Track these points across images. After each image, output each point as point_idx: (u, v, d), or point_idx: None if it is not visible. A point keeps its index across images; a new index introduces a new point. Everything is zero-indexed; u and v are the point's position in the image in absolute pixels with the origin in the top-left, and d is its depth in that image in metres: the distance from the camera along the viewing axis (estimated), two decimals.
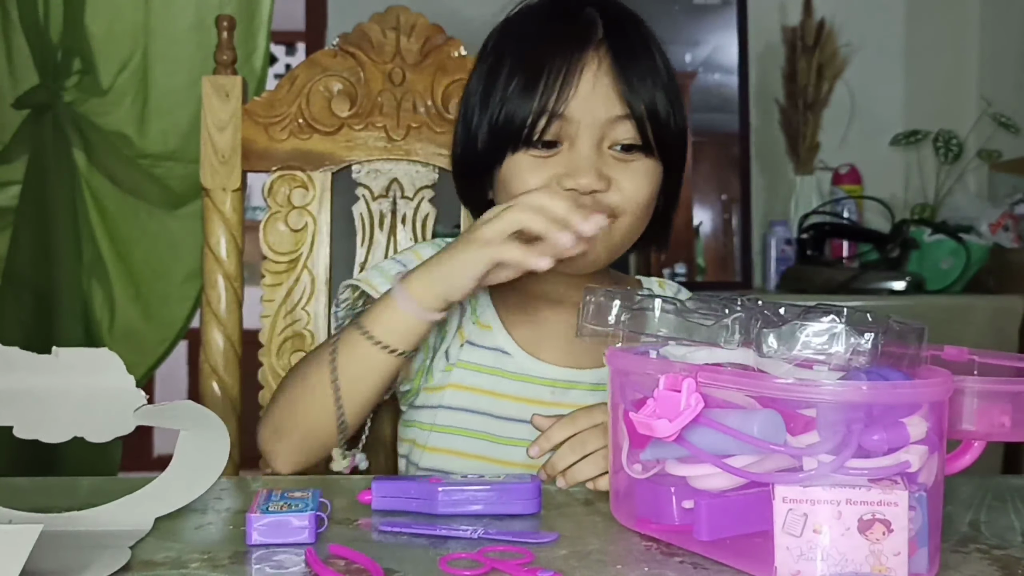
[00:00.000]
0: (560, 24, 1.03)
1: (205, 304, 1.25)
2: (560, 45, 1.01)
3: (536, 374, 1.07)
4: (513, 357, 1.07)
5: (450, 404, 1.07)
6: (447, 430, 1.07)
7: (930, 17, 2.81)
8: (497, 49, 1.06)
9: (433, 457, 1.07)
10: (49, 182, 2.14)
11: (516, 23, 1.08)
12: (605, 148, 1.01)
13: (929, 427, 0.65)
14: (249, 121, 1.25)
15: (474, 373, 1.07)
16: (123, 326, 2.24)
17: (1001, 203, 2.47)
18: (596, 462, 0.89)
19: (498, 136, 1.02)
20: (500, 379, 1.07)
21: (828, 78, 2.64)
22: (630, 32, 1.04)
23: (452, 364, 1.08)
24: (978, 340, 2.13)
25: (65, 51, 2.16)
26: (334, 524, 0.79)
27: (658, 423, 0.70)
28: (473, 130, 1.05)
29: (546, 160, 1.01)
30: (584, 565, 0.70)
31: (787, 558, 0.63)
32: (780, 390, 0.66)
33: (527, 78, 1.00)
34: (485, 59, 1.07)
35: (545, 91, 0.99)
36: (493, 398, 1.06)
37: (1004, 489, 0.91)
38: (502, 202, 0.98)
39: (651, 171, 1.03)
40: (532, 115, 1.00)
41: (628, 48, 1.02)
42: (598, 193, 0.99)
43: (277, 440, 1.01)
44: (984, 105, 2.61)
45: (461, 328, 1.09)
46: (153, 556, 0.72)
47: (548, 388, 1.06)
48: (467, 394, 1.07)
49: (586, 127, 1.00)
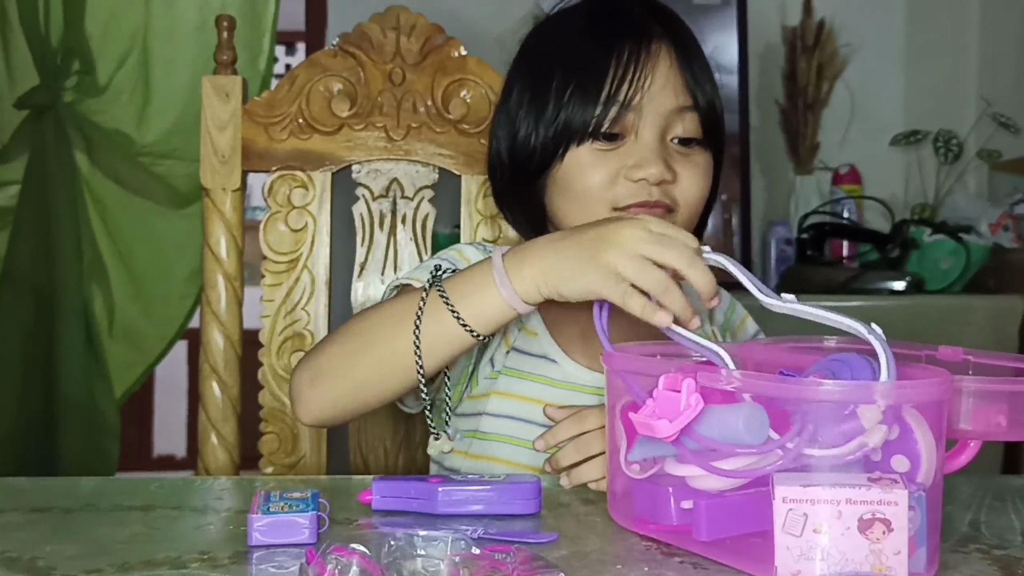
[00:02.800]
0: (612, 20, 1.03)
1: (205, 304, 1.25)
2: (623, 38, 1.00)
3: (583, 382, 1.04)
4: (559, 365, 1.05)
5: (494, 411, 1.05)
6: (491, 437, 1.04)
7: (930, 17, 2.81)
8: (540, 51, 1.06)
9: (477, 464, 1.05)
10: (49, 182, 2.14)
11: (554, 26, 1.08)
12: (668, 141, 1.01)
13: (926, 422, 0.65)
14: (249, 121, 1.25)
15: (519, 380, 1.05)
16: (123, 325, 2.25)
17: (1001, 203, 2.47)
18: (600, 465, 0.89)
19: (560, 132, 1.01)
20: (546, 387, 1.05)
21: (828, 78, 2.64)
22: (681, 27, 1.05)
23: (497, 371, 1.06)
24: (978, 340, 2.13)
25: (65, 52, 2.16)
26: (334, 524, 0.79)
27: (658, 423, 0.70)
28: (524, 135, 1.03)
29: (610, 153, 1.00)
30: (584, 565, 0.70)
31: (787, 558, 0.63)
32: (779, 390, 0.66)
33: (591, 71, 1.00)
34: (525, 65, 1.07)
35: (615, 81, 0.99)
36: (539, 406, 1.02)
37: (1004, 489, 0.91)
38: (561, 202, 1.00)
39: (708, 165, 1.03)
40: (601, 105, 0.99)
41: (685, 43, 1.03)
42: (666, 184, 0.99)
43: (316, 385, 0.95)
44: (984, 105, 2.61)
45: (507, 334, 1.07)
46: (153, 556, 0.72)
47: (596, 396, 1.04)
48: (512, 401, 1.05)
49: (653, 118, 1.00)
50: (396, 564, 0.64)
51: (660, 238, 0.82)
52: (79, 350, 2.17)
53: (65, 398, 2.15)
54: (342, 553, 0.63)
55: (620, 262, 0.82)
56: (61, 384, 2.15)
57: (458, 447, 1.06)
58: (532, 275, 0.86)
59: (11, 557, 0.72)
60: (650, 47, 1.00)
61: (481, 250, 1.10)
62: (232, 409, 1.23)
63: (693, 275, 0.81)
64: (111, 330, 2.24)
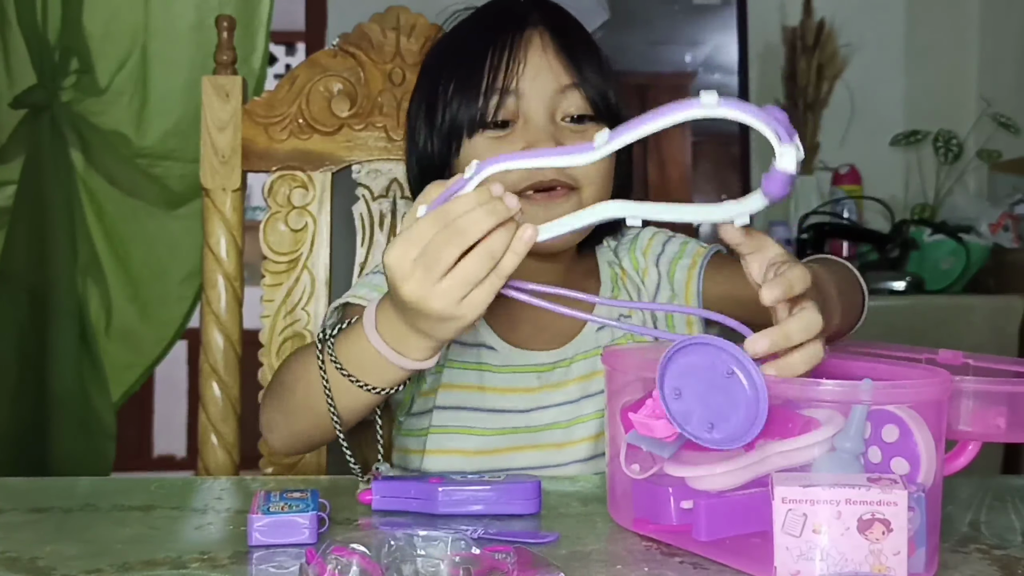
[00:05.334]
0: (492, 19, 1.07)
1: (205, 304, 1.25)
2: (499, 30, 1.04)
3: (521, 362, 1.08)
4: (497, 351, 1.08)
5: (443, 404, 1.07)
6: (442, 430, 1.07)
7: (930, 17, 2.81)
8: (431, 63, 1.11)
9: (432, 459, 1.07)
10: (45, 182, 2.14)
11: (446, 38, 1.12)
12: (559, 120, 1.03)
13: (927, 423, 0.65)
14: (249, 121, 1.25)
15: (462, 371, 1.08)
16: (120, 326, 2.24)
17: (1001, 203, 2.48)
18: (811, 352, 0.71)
19: (451, 131, 1.04)
20: (486, 373, 1.08)
21: (828, 78, 2.64)
22: (559, 12, 1.07)
23: (442, 365, 1.08)
24: (978, 340, 2.13)
25: (63, 51, 2.15)
26: (334, 524, 0.79)
27: (658, 423, 0.70)
28: (423, 142, 1.07)
29: (502, 140, 1.02)
30: (584, 565, 0.70)
31: (786, 558, 0.63)
32: (779, 390, 0.66)
33: (472, 64, 1.03)
34: (421, 79, 1.12)
35: (492, 70, 1.02)
36: (482, 393, 1.07)
37: (1004, 489, 0.91)
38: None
39: None
40: (482, 96, 1.02)
41: (564, 26, 1.05)
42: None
43: (271, 432, 1.00)
44: (984, 105, 2.61)
45: None
46: (153, 556, 0.72)
47: (534, 374, 1.08)
48: (459, 393, 1.07)
49: (538, 100, 1.02)
50: (396, 564, 0.64)
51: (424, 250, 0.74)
52: (73, 351, 2.16)
53: (59, 399, 2.14)
54: (342, 553, 0.63)
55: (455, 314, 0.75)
56: (55, 385, 2.14)
57: (414, 446, 1.09)
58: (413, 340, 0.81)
59: (11, 557, 0.72)
60: (523, 34, 1.03)
61: None
62: (232, 409, 1.23)
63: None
64: (108, 331, 2.23)
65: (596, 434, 1.06)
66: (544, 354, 1.08)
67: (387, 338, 0.82)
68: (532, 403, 1.07)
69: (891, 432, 0.67)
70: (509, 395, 1.07)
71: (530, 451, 1.06)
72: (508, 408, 1.07)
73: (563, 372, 1.08)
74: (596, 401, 1.06)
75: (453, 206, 0.73)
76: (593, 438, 1.06)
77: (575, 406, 1.07)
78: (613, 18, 2.59)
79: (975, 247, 2.33)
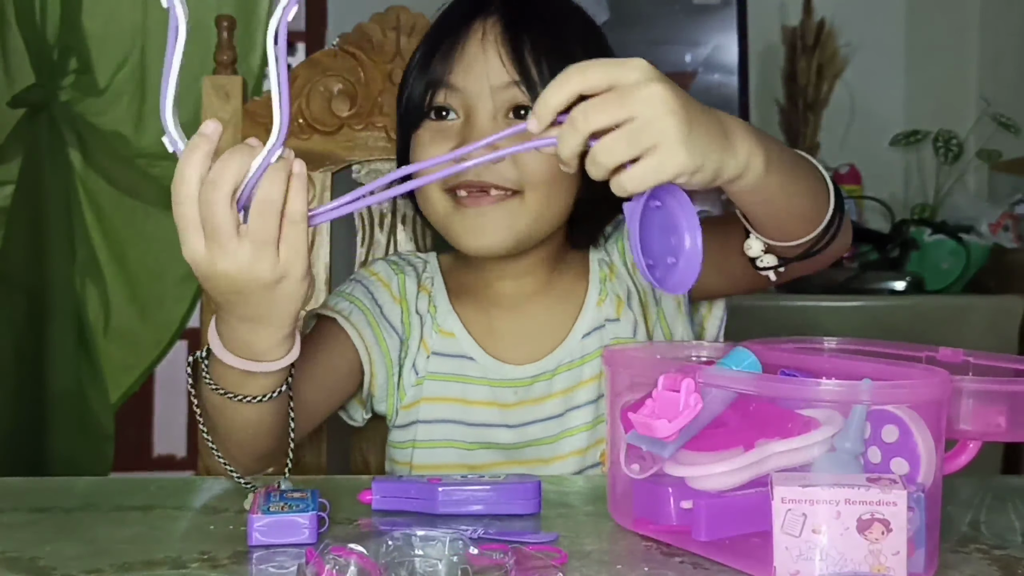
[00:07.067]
0: (458, 7, 1.05)
1: (206, 304, 1.24)
2: (453, 20, 1.03)
3: (499, 376, 1.06)
4: (477, 362, 1.06)
5: (426, 418, 1.05)
6: (427, 444, 1.05)
7: (930, 17, 2.81)
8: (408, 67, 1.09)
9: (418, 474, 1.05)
10: (43, 182, 2.13)
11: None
12: (502, 119, 0.99)
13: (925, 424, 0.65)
14: (249, 121, 1.25)
15: (444, 383, 1.06)
16: (118, 327, 2.24)
17: (1001, 203, 2.47)
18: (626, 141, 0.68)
19: (404, 117, 1.04)
20: (467, 385, 1.05)
21: (828, 78, 2.64)
22: (531, 6, 1.02)
23: (422, 377, 1.06)
24: (978, 340, 2.13)
25: (62, 50, 2.15)
26: (334, 524, 0.79)
27: (657, 423, 0.70)
28: (398, 139, 1.08)
29: (444, 132, 1.01)
30: (584, 565, 0.70)
31: (786, 558, 0.63)
32: (779, 390, 0.66)
33: (423, 56, 1.03)
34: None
35: (434, 63, 1.01)
36: (464, 406, 1.05)
37: (1004, 489, 0.91)
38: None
39: None
40: (423, 86, 1.01)
41: (522, 16, 1.00)
42: (497, 166, 0.95)
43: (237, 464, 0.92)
44: (984, 105, 2.61)
45: (424, 339, 1.07)
46: (153, 556, 0.72)
47: (511, 389, 1.05)
48: (441, 405, 1.05)
49: (477, 96, 0.99)
50: (395, 564, 0.64)
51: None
52: (71, 351, 2.16)
53: (57, 399, 2.14)
54: (340, 553, 0.63)
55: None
56: (53, 385, 2.14)
57: (400, 458, 1.07)
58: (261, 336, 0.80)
59: (11, 557, 0.72)
60: (470, 25, 1.00)
61: (393, 266, 1.12)
62: None
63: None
64: (106, 332, 2.23)
65: (585, 447, 1.04)
66: (521, 368, 1.05)
67: (235, 349, 0.81)
68: (514, 418, 1.05)
69: (891, 432, 0.67)
70: (492, 408, 1.05)
71: (516, 467, 1.03)
72: (492, 422, 1.05)
73: (545, 386, 1.05)
74: (584, 413, 1.04)
75: (180, 170, 0.76)
76: (581, 452, 1.04)
77: (559, 420, 1.04)
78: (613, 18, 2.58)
79: (975, 247, 2.33)
